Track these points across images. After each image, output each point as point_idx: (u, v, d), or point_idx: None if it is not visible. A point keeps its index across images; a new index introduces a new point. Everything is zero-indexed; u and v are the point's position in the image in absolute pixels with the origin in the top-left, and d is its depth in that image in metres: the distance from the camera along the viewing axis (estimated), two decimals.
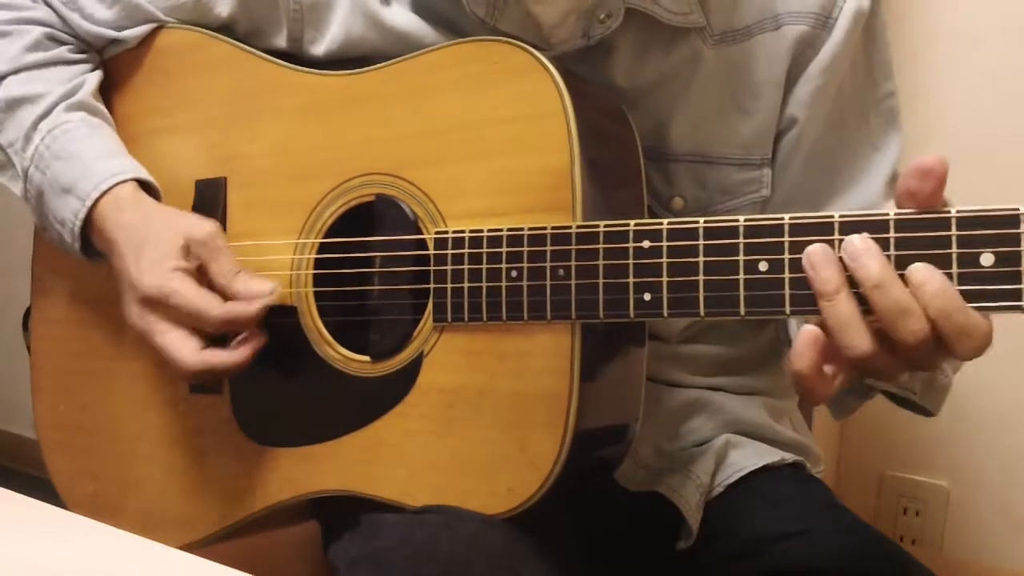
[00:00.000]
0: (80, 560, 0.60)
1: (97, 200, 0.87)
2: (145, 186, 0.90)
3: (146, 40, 0.96)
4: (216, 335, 0.84)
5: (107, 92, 0.98)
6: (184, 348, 0.82)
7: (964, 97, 1.37)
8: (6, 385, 2.22)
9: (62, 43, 0.96)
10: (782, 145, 0.88)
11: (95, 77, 0.96)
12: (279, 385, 0.88)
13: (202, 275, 0.84)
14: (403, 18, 0.88)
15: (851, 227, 0.64)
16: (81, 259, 0.91)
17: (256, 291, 0.82)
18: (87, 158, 0.89)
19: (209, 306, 0.81)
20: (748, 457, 0.91)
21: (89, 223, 0.88)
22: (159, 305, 0.82)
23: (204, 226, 0.85)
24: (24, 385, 1.03)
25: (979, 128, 1.36)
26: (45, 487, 0.98)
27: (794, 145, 0.87)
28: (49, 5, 0.97)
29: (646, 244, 0.71)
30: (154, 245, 0.84)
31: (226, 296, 0.83)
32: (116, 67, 0.98)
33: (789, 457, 0.93)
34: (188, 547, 0.63)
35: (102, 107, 0.96)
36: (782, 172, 0.88)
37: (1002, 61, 1.37)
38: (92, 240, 0.89)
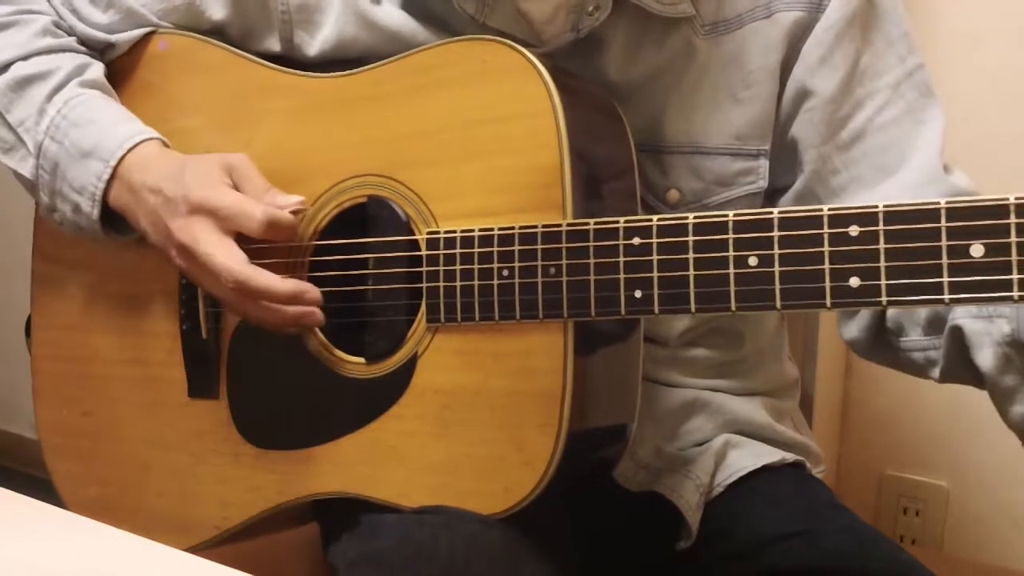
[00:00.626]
0: (80, 560, 0.60)
1: (122, 158, 0.87)
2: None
3: (140, 45, 0.97)
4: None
5: None
6: (232, 255, 0.80)
7: (964, 97, 1.37)
8: (6, 386, 2.23)
9: (69, 34, 0.97)
10: (801, 124, 0.85)
11: (101, 65, 0.96)
12: (276, 388, 0.88)
13: None
14: (394, 17, 0.88)
15: (840, 220, 0.64)
16: (94, 231, 0.90)
17: (283, 202, 0.82)
18: (107, 122, 0.90)
19: (253, 208, 0.81)
20: (747, 457, 0.91)
21: (110, 185, 0.88)
22: (208, 214, 0.82)
23: (236, 153, 0.86)
24: (24, 386, 1.04)
25: (979, 128, 1.35)
26: (45, 487, 0.98)
27: (818, 125, 0.85)
28: (50, 3, 0.97)
29: (636, 241, 0.71)
30: (195, 167, 0.84)
31: None
32: (112, 72, 0.98)
33: (789, 457, 0.93)
34: (189, 552, 0.62)
35: (115, 93, 0.96)
36: (822, 158, 0.85)
37: (1002, 61, 1.37)
38: (111, 202, 0.89)
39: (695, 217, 0.69)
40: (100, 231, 0.90)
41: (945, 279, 0.61)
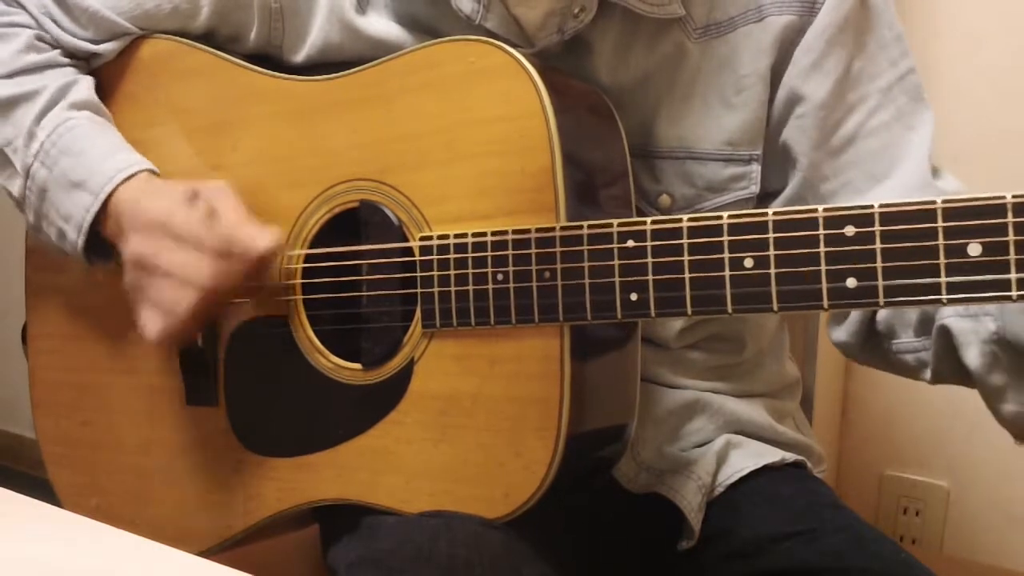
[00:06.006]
0: (80, 560, 0.60)
1: (111, 194, 0.87)
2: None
3: (128, 50, 0.96)
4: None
5: None
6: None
7: (964, 97, 1.37)
8: (6, 385, 2.23)
9: (52, 47, 0.96)
10: (792, 130, 0.85)
11: (90, 79, 0.96)
12: (274, 395, 0.88)
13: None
14: (380, 26, 0.88)
15: (835, 221, 0.64)
16: (78, 257, 0.90)
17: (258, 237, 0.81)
18: (96, 155, 0.90)
19: (252, 232, 0.80)
20: (749, 457, 0.91)
21: (101, 217, 0.88)
22: (162, 230, 0.82)
23: (212, 180, 0.85)
24: (24, 385, 1.03)
25: (979, 128, 1.36)
26: (45, 487, 0.98)
27: (809, 131, 0.84)
28: (31, 15, 0.96)
29: (630, 244, 0.70)
30: (163, 198, 0.84)
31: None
32: (99, 79, 0.98)
33: (790, 457, 0.93)
34: None
35: (105, 108, 0.96)
36: (812, 165, 0.84)
37: (1002, 61, 1.37)
38: (102, 231, 0.89)
39: (689, 219, 0.69)
40: (83, 258, 0.90)
41: (943, 279, 0.61)
